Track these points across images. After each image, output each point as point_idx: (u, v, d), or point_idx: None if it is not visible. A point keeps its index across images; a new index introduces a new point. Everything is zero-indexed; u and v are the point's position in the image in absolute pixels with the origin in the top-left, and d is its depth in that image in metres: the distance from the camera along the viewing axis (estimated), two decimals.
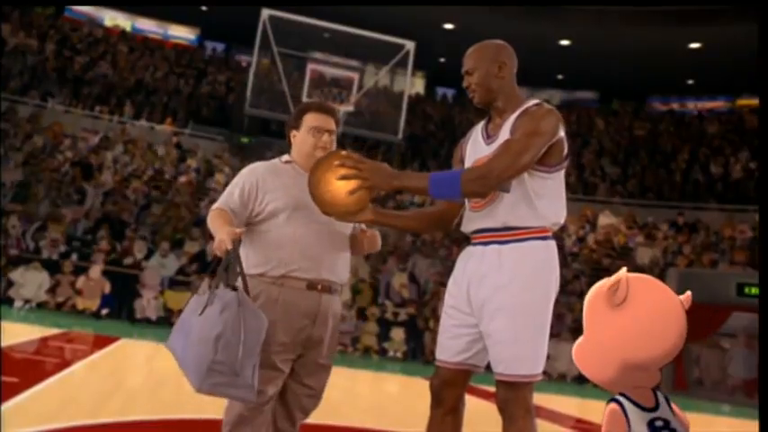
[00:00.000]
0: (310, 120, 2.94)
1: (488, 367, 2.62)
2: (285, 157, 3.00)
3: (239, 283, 2.58)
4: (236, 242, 2.59)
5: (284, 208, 2.79)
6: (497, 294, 2.51)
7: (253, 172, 2.93)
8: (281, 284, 2.74)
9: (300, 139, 2.95)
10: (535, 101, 2.65)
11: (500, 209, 2.57)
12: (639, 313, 1.96)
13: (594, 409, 1.76)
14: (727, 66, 18.33)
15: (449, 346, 2.65)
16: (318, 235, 2.80)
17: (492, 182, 2.47)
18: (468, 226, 2.69)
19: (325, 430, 4.81)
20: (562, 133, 2.55)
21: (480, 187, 2.49)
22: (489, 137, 2.68)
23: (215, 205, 2.88)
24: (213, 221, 2.78)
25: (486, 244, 2.60)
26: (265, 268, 2.76)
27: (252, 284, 2.68)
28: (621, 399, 1.98)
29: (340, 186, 2.56)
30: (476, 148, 2.72)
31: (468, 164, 2.72)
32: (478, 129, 2.77)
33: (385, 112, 17.80)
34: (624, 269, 2.03)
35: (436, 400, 2.69)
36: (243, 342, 2.49)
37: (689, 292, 2.06)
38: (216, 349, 2.46)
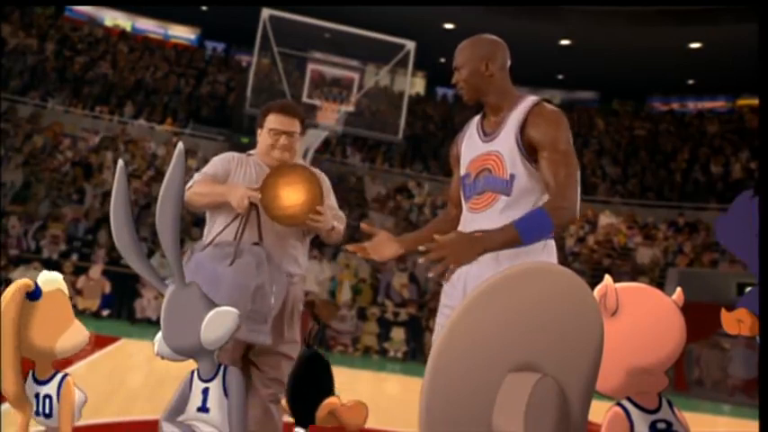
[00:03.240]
0: (270, 121, 3.09)
1: None
2: (252, 152, 3.20)
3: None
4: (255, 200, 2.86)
5: None
6: None
7: (225, 160, 3.14)
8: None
9: (261, 138, 3.13)
10: (534, 98, 2.65)
11: (499, 211, 2.55)
12: (636, 320, 1.97)
13: (594, 410, 1.76)
14: (727, 66, 18.32)
15: None
16: (264, 227, 2.95)
17: (574, 213, 2.48)
18: (466, 227, 2.66)
19: (325, 430, 4.81)
20: None
21: (567, 218, 2.48)
22: (486, 134, 2.68)
23: (191, 182, 3.00)
24: (207, 187, 2.96)
25: None
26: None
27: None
28: (626, 403, 1.98)
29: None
30: (471, 146, 2.71)
31: (464, 162, 2.72)
32: (473, 125, 2.77)
33: (385, 112, 17.80)
34: (609, 278, 2.04)
35: None
36: (274, 293, 2.82)
37: (679, 290, 2.07)
38: (254, 299, 2.75)
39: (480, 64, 2.67)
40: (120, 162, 2.32)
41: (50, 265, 12.18)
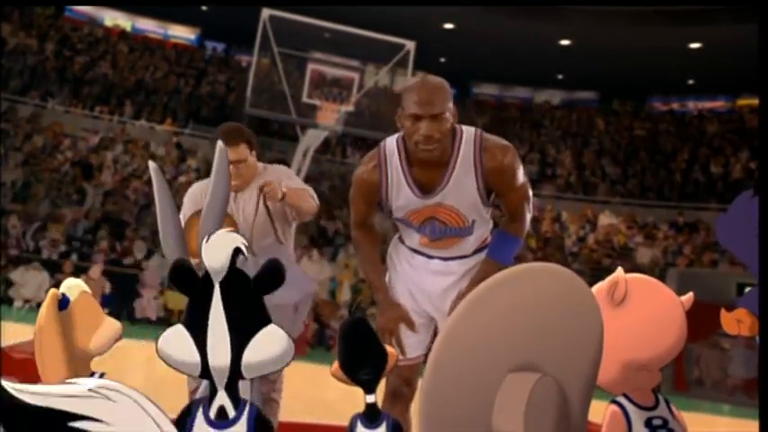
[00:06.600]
0: None
1: None
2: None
3: None
4: None
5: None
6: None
7: (192, 201, 3.16)
8: None
9: None
10: (471, 136, 2.45)
11: (471, 243, 2.63)
12: (639, 313, 1.97)
13: (593, 410, 1.76)
14: (727, 66, 18.31)
15: (407, 344, 2.63)
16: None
17: (527, 224, 2.64)
18: (428, 251, 2.67)
19: (325, 430, 4.81)
20: None
21: (525, 230, 2.65)
22: (425, 191, 2.48)
23: None
24: None
25: (446, 260, 2.67)
26: None
27: None
28: (622, 400, 1.98)
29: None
30: (404, 197, 2.54)
31: (398, 209, 2.58)
32: (398, 174, 2.51)
33: (385, 112, 17.79)
34: (621, 269, 2.05)
35: (394, 397, 2.64)
36: None
37: (691, 294, 2.07)
38: None
39: (451, 114, 2.37)
40: (152, 164, 2.31)
41: (50, 265, 12.21)
